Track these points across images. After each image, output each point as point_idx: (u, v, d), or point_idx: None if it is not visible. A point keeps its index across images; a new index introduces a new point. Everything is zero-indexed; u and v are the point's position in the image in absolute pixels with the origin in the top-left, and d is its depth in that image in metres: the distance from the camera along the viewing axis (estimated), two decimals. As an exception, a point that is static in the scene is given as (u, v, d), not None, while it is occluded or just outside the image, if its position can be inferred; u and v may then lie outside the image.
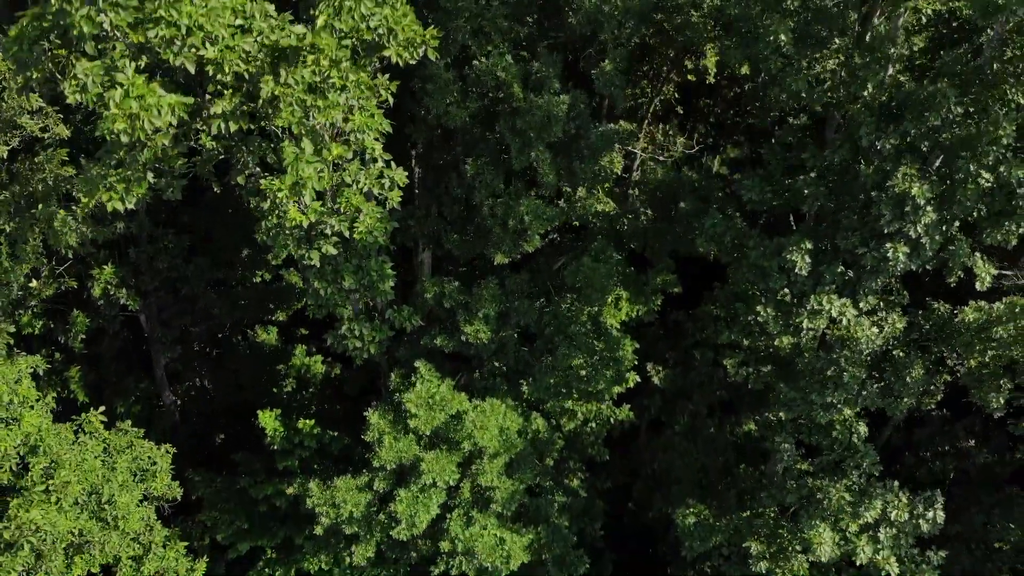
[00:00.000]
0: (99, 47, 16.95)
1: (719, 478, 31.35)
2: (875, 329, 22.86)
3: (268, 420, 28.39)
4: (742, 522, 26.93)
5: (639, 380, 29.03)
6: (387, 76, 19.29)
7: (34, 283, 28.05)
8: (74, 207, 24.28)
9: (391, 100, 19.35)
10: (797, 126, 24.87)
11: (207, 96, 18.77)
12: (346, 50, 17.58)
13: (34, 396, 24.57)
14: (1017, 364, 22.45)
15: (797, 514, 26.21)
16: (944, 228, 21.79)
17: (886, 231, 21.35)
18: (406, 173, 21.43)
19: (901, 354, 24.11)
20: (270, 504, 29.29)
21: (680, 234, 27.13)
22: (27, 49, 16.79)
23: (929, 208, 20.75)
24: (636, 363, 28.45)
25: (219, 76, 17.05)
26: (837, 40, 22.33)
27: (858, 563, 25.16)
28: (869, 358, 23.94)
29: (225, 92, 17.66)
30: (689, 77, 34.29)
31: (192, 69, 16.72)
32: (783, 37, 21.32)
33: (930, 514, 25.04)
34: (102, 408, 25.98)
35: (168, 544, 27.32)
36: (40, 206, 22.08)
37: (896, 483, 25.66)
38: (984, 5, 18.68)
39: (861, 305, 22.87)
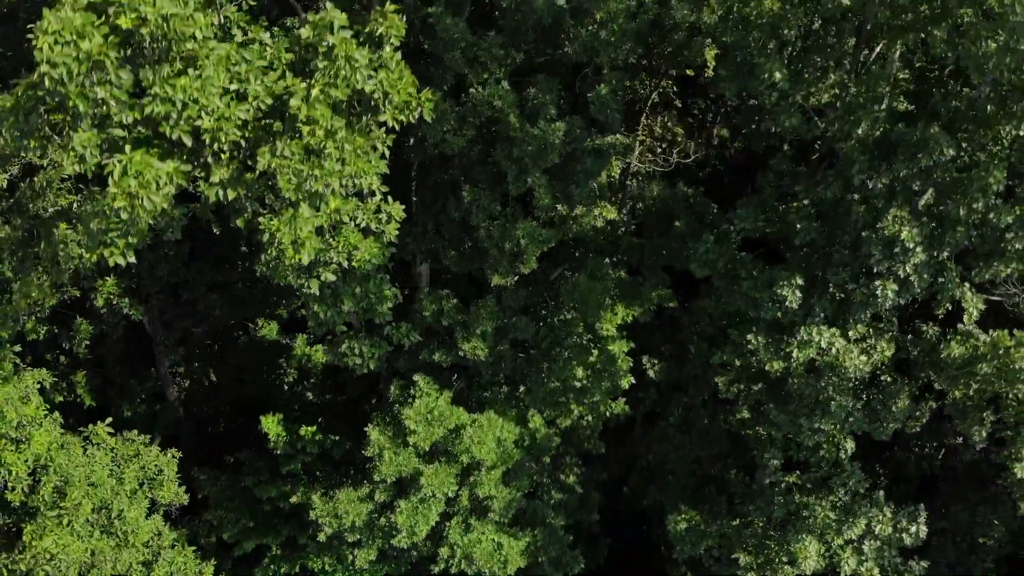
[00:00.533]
0: (94, 111, 17.03)
1: (712, 465, 32.12)
2: (863, 357, 23.31)
3: (271, 425, 28.99)
4: (731, 530, 27.78)
5: (635, 375, 29.60)
6: (383, 130, 19.35)
7: (36, 293, 28.40)
8: (76, 222, 24.49)
9: (387, 152, 19.43)
10: (791, 155, 24.93)
11: (204, 148, 18.88)
12: (341, 119, 17.63)
13: (42, 414, 25.10)
14: (1000, 398, 22.95)
15: (784, 525, 27.02)
16: (936, 254, 22.06)
17: (876, 270, 21.66)
18: (403, 207, 21.63)
19: (888, 379, 24.60)
20: (274, 504, 30.11)
21: (675, 250, 27.37)
22: (23, 119, 16.87)
23: (919, 249, 21.03)
24: (631, 364, 28.93)
25: (216, 145, 17.20)
26: (832, 75, 22.28)
27: (842, 575, 26.05)
28: (856, 381, 24.42)
29: (222, 156, 17.79)
30: (688, 72, 34.12)
31: (189, 143, 16.87)
32: (778, 75, 21.29)
33: (913, 528, 25.83)
34: (109, 420, 26.59)
35: (176, 546, 28.23)
36: (43, 244, 22.32)
37: (881, 494, 26.40)
38: (977, 61, 18.67)
39: (851, 334, 23.27)
